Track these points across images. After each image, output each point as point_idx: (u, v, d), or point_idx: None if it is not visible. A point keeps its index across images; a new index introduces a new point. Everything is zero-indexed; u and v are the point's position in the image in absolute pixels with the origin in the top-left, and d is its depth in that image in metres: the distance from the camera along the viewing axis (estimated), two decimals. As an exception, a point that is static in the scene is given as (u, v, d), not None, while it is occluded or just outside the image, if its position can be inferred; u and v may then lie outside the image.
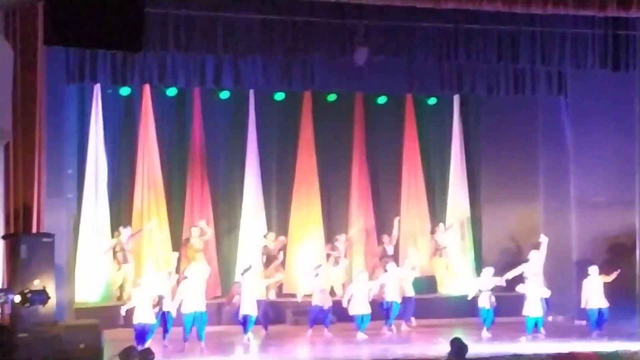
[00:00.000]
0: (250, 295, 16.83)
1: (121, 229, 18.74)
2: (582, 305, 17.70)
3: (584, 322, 18.19)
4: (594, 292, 17.50)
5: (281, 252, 19.27)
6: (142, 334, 15.43)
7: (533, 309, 17.31)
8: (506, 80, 19.49)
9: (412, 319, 18.58)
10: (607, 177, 19.09)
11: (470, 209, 21.30)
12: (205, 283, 16.91)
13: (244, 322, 16.80)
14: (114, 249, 18.77)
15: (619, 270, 17.57)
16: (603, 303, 17.51)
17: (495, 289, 17.75)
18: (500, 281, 17.78)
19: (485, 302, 17.62)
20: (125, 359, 13.62)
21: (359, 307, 17.50)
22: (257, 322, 17.29)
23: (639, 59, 18.27)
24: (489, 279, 17.74)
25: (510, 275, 17.94)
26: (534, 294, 17.40)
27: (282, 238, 19.68)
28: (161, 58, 17.71)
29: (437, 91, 20.14)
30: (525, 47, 17.95)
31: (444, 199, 21.44)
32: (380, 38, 17.28)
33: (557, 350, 15.15)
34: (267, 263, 19.05)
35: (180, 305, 16.02)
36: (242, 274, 17.23)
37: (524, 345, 16.51)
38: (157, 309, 15.97)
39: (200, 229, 19.14)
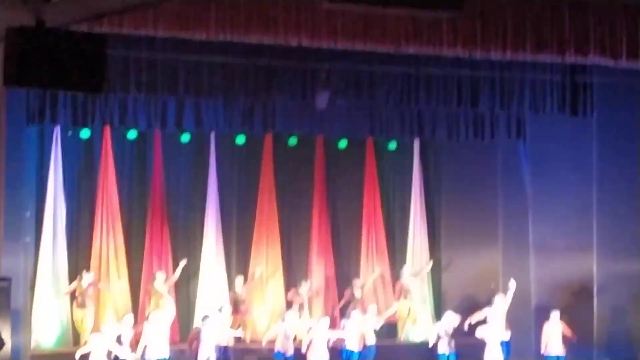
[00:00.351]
0: (210, 340, 16.69)
1: (84, 273, 18.51)
2: (542, 351, 17.69)
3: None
4: (553, 337, 17.50)
5: (248, 308, 19.18)
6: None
7: (494, 354, 17.23)
8: (466, 124, 19.64)
9: None
10: (566, 221, 19.19)
11: (430, 254, 21.29)
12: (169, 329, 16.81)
13: (204, 368, 16.66)
14: (73, 292, 18.56)
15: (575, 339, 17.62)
16: (561, 350, 17.51)
17: (455, 334, 17.69)
18: (464, 324, 17.69)
19: (445, 347, 17.55)
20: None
21: (318, 354, 17.34)
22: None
23: (596, 104, 18.52)
24: (449, 324, 17.68)
25: (474, 319, 17.86)
26: (495, 339, 17.32)
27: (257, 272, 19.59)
28: (122, 99, 17.68)
29: (398, 135, 20.23)
30: (485, 92, 18.12)
31: (404, 244, 21.41)
32: (341, 82, 17.37)
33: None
34: (235, 308, 18.88)
35: (144, 351, 15.83)
36: (202, 320, 17.10)
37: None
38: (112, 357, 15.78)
39: (166, 276, 18.94)
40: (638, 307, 18.73)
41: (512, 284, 18.42)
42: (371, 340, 18.27)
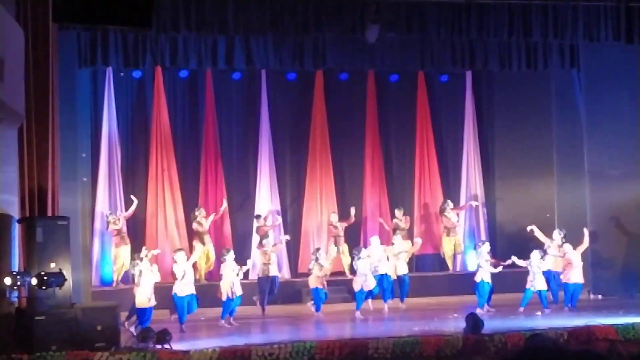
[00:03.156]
0: (231, 275, 16.27)
1: (116, 214, 18.71)
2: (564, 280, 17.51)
3: (600, 297, 18.13)
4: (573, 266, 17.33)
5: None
6: (143, 315, 15.27)
7: (538, 283, 17.22)
8: (518, 54, 19.44)
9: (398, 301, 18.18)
10: (621, 150, 19.03)
11: (483, 186, 21.26)
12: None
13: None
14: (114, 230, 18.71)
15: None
16: (580, 278, 17.37)
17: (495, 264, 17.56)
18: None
19: (487, 276, 17.45)
20: (142, 340, 13.74)
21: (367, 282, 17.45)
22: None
23: (652, 31, 18.16)
24: (486, 254, 17.54)
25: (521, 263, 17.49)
26: (539, 268, 17.26)
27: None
28: (172, 39, 17.73)
29: (450, 67, 20.08)
30: (537, 20, 17.78)
31: (457, 176, 21.40)
32: (391, 14, 17.18)
33: (574, 324, 15.12)
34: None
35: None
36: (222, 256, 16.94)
37: (540, 320, 16.42)
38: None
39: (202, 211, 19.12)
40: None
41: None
42: (402, 271, 18.22)
